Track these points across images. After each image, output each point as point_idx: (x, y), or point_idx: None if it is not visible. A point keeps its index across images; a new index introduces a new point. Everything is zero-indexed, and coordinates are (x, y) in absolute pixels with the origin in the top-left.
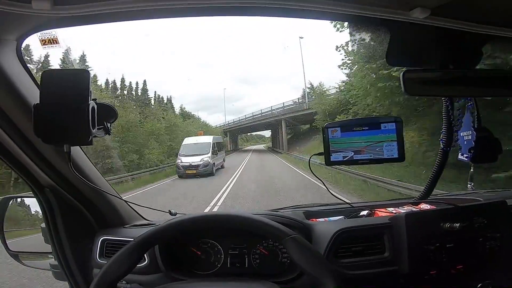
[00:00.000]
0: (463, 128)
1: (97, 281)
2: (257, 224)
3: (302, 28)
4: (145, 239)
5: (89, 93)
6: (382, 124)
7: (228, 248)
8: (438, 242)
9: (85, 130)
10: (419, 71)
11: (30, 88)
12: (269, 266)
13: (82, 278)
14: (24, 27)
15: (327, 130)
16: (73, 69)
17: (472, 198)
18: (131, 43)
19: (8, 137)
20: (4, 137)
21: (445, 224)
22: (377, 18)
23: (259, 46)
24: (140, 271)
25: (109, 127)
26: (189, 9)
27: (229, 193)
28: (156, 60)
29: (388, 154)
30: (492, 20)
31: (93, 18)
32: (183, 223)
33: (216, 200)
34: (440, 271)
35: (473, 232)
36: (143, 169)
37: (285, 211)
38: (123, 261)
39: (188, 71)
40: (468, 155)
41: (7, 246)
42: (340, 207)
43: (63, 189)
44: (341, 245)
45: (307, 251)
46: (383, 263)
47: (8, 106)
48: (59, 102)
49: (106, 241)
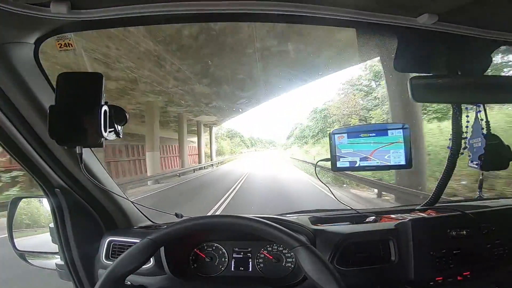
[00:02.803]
0: (472, 135)
1: (109, 273)
2: (269, 230)
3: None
4: (160, 237)
5: (102, 96)
6: (389, 131)
7: (233, 251)
8: (444, 249)
9: (97, 132)
10: (427, 77)
11: (46, 90)
12: (273, 270)
13: (87, 278)
14: (42, 30)
15: (334, 136)
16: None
17: (480, 204)
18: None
19: (23, 138)
20: (19, 138)
21: (452, 231)
22: (385, 24)
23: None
24: (145, 272)
25: (119, 130)
26: (202, 15)
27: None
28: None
29: (395, 161)
30: (501, 26)
31: (108, 23)
32: (198, 225)
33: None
34: (447, 278)
35: (481, 238)
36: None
37: (290, 216)
38: (136, 256)
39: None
40: (478, 163)
41: (15, 245)
42: (346, 213)
43: (73, 190)
44: (347, 251)
45: (318, 262)
46: (389, 270)
47: (24, 107)
48: (74, 104)
49: (112, 242)
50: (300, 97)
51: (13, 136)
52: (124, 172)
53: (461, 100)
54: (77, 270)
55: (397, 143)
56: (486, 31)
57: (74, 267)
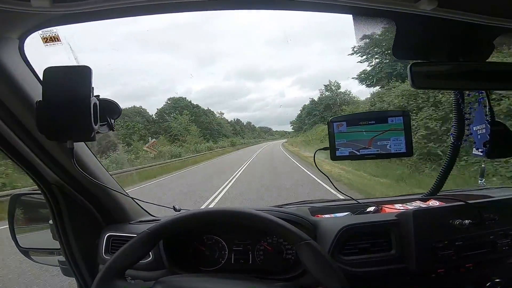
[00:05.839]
0: (475, 122)
1: (109, 266)
2: (270, 224)
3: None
4: (159, 229)
5: (91, 90)
6: (389, 118)
7: (232, 244)
8: (447, 240)
9: (87, 126)
10: (427, 64)
11: (33, 86)
12: (273, 262)
13: (88, 274)
14: (25, 25)
15: (333, 124)
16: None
17: (483, 194)
18: (132, 39)
19: (14, 135)
20: (11, 135)
21: (455, 221)
22: (383, 10)
23: (263, 40)
24: (144, 267)
25: (112, 123)
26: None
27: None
28: (157, 57)
29: (395, 148)
30: (503, 12)
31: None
32: (197, 216)
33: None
34: (449, 269)
35: (484, 229)
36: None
37: (289, 207)
38: (136, 249)
39: (191, 67)
40: (483, 150)
41: (18, 243)
42: (346, 203)
43: (69, 185)
44: (347, 242)
45: (321, 258)
46: (390, 261)
47: (13, 104)
48: (61, 98)
49: (111, 237)
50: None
51: (5, 133)
52: None
53: (463, 87)
54: (78, 266)
55: (398, 130)
56: (488, 17)
57: (75, 263)
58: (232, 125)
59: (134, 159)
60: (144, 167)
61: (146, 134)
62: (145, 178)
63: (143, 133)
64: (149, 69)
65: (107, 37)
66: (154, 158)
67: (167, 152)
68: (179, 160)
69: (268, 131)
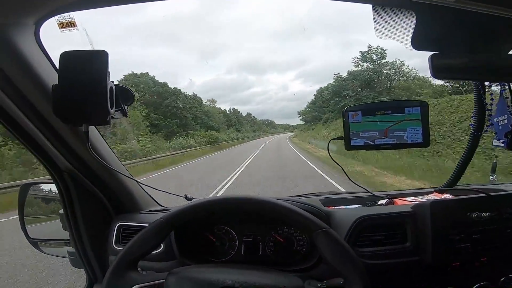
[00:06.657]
0: (497, 113)
1: (122, 256)
2: (289, 213)
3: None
4: (174, 216)
5: (107, 74)
6: (406, 108)
7: (243, 235)
8: (464, 233)
9: (103, 110)
10: (447, 55)
11: (49, 70)
12: (283, 254)
13: (98, 265)
14: (42, 10)
15: (348, 113)
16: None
17: (496, 188)
18: (133, 32)
19: (28, 120)
20: (24, 121)
21: (473, 214)
22: (405, 0)
23: (267, 33)
24: (155, 258)
25: (126, 109)
26: None
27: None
28: (159, 50)
29: (412, 138)
30: None
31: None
32: (214, 203)
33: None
34: (464, 264)
35: (502, 222)
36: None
37: (302, 198)
38: (149, 238)
39: (193, 60)
40: (505, 141)
41: (27, 233)
42: (359, 195)
43: (81, 173)
44: (361, 234)
45: (340, 247)
46: (405, 253)
47: (28, 88)
48: (78, 82)
49: (122, 227)
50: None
51: (19, 118)
52: None
53: (484, 79)
54: (88, 257)
55: (415, 120)
56: (510, 10)
57: (85, 254)
58: (226, 116)
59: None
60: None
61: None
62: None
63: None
64: (152, 62)
65: (109, 29)
66: None
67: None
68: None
69: (270, 123)
